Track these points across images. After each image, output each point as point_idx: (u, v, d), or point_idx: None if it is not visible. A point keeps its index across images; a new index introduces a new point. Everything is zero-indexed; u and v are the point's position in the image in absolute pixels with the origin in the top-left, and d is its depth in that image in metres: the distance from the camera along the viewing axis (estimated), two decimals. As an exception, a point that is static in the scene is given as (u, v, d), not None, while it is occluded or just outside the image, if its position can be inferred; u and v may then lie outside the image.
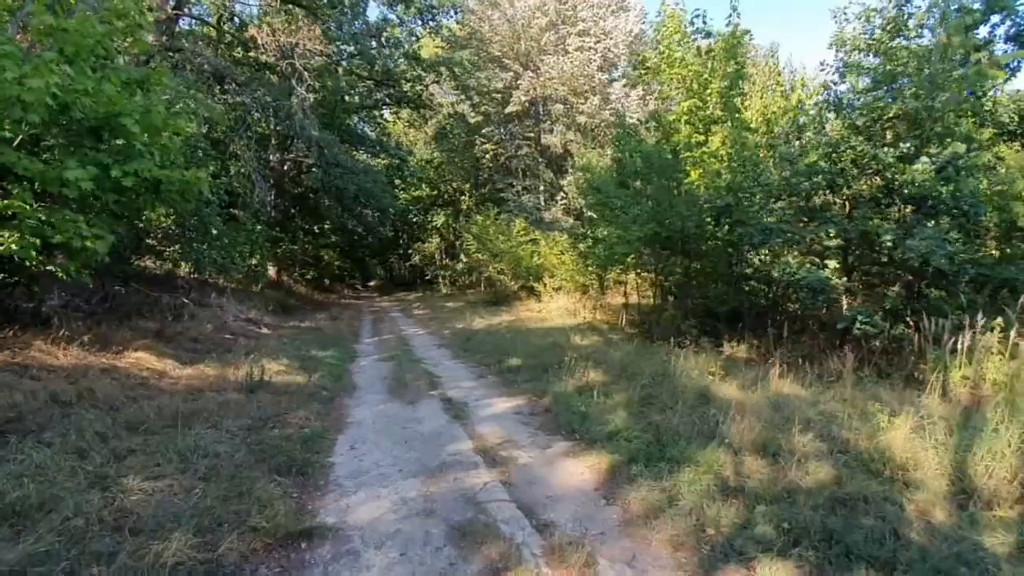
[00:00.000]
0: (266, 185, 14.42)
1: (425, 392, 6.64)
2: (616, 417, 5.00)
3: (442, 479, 3.81)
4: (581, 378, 6.64)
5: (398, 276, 40.75)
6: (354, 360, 9.09)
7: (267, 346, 9.23)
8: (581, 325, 13.12)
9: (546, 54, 22.61)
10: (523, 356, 8.55)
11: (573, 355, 8.41)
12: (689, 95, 8.40)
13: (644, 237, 8.15)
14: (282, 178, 19.89)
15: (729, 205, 7.18)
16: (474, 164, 27.61)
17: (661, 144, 8.29)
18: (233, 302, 13.24)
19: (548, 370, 7.51)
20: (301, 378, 6.92)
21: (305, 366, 7.78)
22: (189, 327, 9.32)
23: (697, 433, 4.40)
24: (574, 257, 14.72)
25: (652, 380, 6.28)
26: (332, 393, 6.42)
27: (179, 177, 6.25)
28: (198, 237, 9.24)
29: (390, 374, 7.81)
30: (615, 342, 9.90)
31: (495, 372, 7.86)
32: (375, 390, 6.82)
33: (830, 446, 4.09)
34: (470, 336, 11.62)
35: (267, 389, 6.13)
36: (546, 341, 9.89)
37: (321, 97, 17.36)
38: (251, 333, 11.01)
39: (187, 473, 3.55)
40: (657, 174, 8.31)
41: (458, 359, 9.25)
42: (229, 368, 7.14)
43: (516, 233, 18.99)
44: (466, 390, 6.77)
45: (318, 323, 14.65)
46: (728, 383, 5.93)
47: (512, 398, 6.29)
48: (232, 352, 8.52)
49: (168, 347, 7.94)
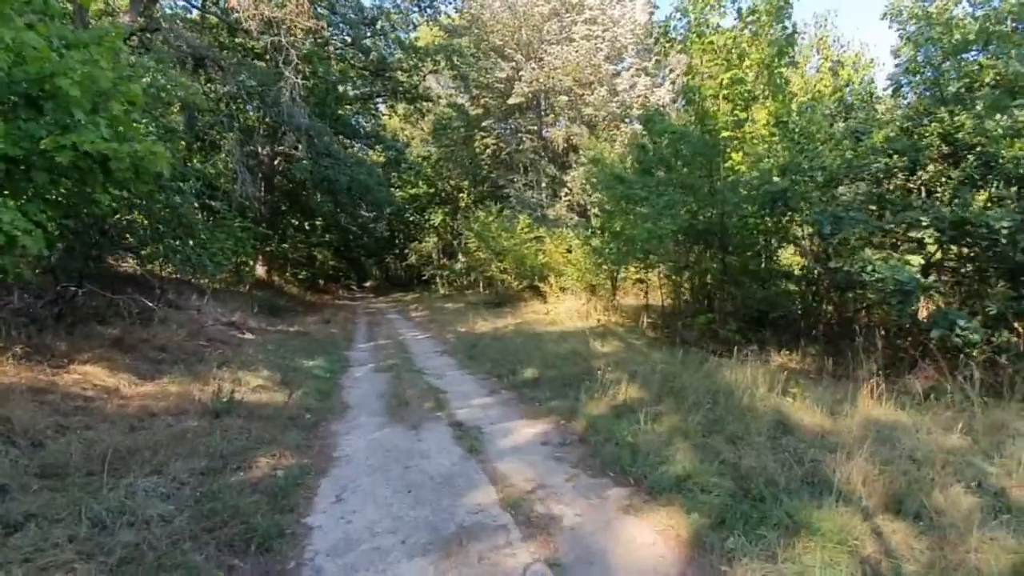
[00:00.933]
0: (252, 178, 13.29)
1: (430, 413, 5.54)
2: (676, 452, 3.93)
3: (463, 559, 2.71)
4: (615, 395, 5.57)
5: (394, 276, 39.59)
6: (346, 371, 7.98)
7: (247, 355, 8.11)
8: (595, 328, 12.04)
9: (550, 43, 21.56)
10: (539, 366, 7.47)
11: (598, 363, 7.37)
12: (727, 67, 7.35)
13: (678, 230, 7.08)
14: (271, 172, 18.75)
15: (784, 191, 6.14)
16: (473, 160, 26.50)
17: (696, 125, 7.25)
18: (214, 304, 12.11)
19: (572, 384, 6.44)
20: (281, 396, 5.80)
21: (288, 380, 6.68)
22: (157, 333, 8.17)
23: (799, 481, 3.32)
24: (584, 254, 13.63)
25: (705, 399, 5.22)
26: (317, 416, 5.31)
27: (128, 152, 5.13)
28: (169, 231, 8.11)
29: (387, 389, 6.71)
30: (639, 348, 8.83)
31: (509, 386, 6.76)
32: (370, 410, 5.72)
33: (987, 500, 3.02)
34: (475, 342, 10.52)
35: (238, 411, 5.01)
36: (562, 348, 8.81)
37: (312, 85, 16.22)
38: (231, 339, 9.86)
39: (94, 560, 2.44)
40: (691, 159, 7.24)
41: (464, 369, 8.16)
42: (197, 383, 6.03)
43: (520, 230, 17.89)
44: (478, 410, 5.68)
45: (308, 327, 13.51)
46: (803, 403, 4.85)
47: (535, 421, 5.20)
48: (205, 362, 7.40)
49: (128, 358, 6.80)
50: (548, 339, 10.10)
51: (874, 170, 5.87)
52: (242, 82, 12.87)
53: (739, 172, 7.09)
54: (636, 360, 7.49)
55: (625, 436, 4.32)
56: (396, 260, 38.52)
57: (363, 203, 16.24)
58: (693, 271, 8.45)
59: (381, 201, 16.56)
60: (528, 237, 17.71)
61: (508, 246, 17.44)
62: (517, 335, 11.07)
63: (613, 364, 7.29)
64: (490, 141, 25.03)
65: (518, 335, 11.05)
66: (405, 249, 34.49)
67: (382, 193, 16.52)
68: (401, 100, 22.21)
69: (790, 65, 7.08)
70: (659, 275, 10.36)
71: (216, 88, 13.38)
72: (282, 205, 19.05)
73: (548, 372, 7.02)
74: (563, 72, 20.60)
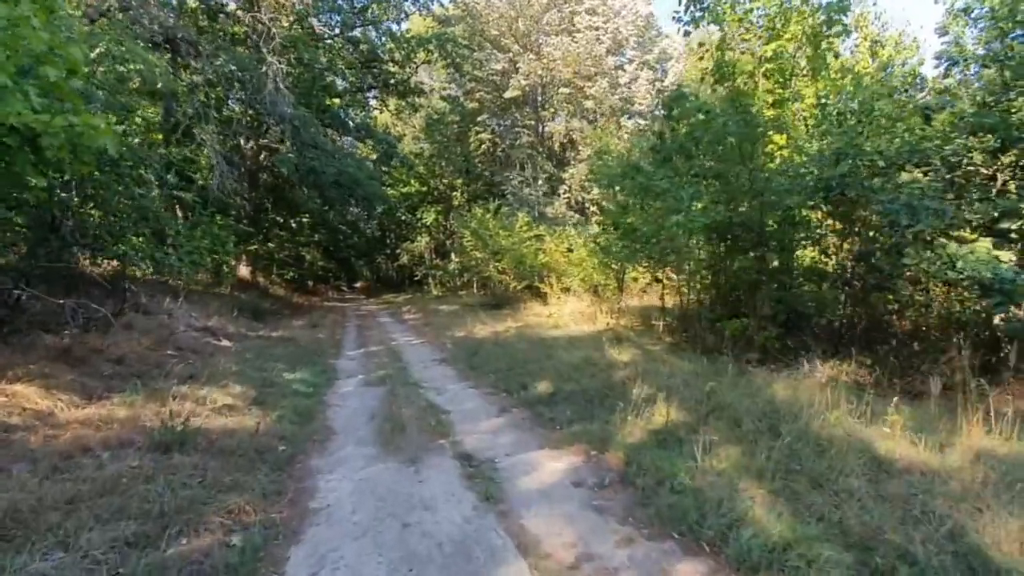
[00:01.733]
0: (232, 171, 12.28)
1: (430, 440, 4.62)
2: (753, 503, 3.05)
3: None
4: (651, 416, 4.70)
5: (385, 277, 38.49)
6: (332, 385, 7.03)
7: (219, 366, 7.13)
8: (604, 332, 11.17)
9: (549, 34, 20.71)
10: (553, 377, 6.58)
11: (619, 374, 6.50)
12: (769, 38, 6.50)
13: (712, 223, 6.22)
14: (256, 167, 17.69)
15: (843, 177, 5.29)
16: (467, 157, 25.56)
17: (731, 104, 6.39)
18: (189, 308, 11.10)
19: (594, 400, 5.56)
20: (252, 419, 4.85)
21: (263, 398, 5.72)
22: (116, 342, 7.18)
23: (937, 549, 2.45)
24: (590, 253, 12.77)
25: (761, 423, 4.36)
26: (294, 447, 4.37)
27: (63, 125, 4.18)
28: (130, 227, 7.12)
29: (380, 407, 5.78)
30: (659, 356, 7.96)
31: (520, 403, 5.86)
32: (359, 437, 4.79)
33: None
34: (476, 348, 9.60)
35: (195, 443, 4.07)
36: (574, 355, 7.93)
37: (297, 73, 15.21)
38: (205, 348, 8.85)
39: None
40: (724, 144, 6.38)
41: (466, 381, 7.24)
42: (152, 404, 5.07)
43: (519, 228, 16.99)
44: (488, 435, 4.77)
45: (294, 331, 12.51)
46: (885, 429, 3.99)
47: (559, 451, 4.29)
48: (169, 376, 6.43)
49: (74, 373, 5.82)
50: (556, 345, 9.21)
51: (947, 152, 5.06)
52: (220, 67, 11.85)
53: (781, 158, 6.26)
54: (660, 371, 6.63)
55: (679, 476, 3.43)
56: (387, 260, 37.45)
57: (353, 198, 15.22)
58: (721, 269, 7.60)
59: (372, 195, 15.56)
60: (527, 236, 16.82)
61: (507, 245, 16.54)
62: (520, 340, 10.17)
63: (636, 375, 6.44)
64: (485, 136, 24.15)
65: (521, 340, 10.16)
66: (396, 249, 33.45)
67: (373, 187, 15.52)
68: (392, 94, 21.22)
69: (843, 35, 6.25)
70: (677, 274, 9.50)
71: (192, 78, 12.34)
72: (266, 202, 17.97)
73: (564, 385, 6.13)
74: (563, 64, 19.74)
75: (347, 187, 14.62)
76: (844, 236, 6.24)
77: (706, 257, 8.22)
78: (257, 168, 17.75)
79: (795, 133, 6.39)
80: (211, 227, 12.05)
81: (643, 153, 9.44)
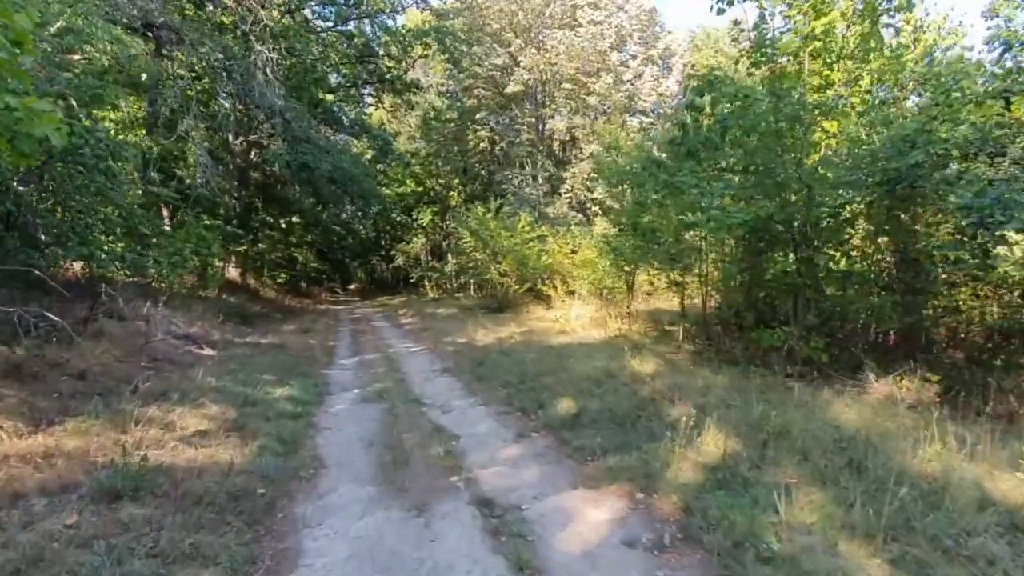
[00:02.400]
0: (216, 165, 11.49)
1: (440, 476, 3.89)
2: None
3: None
4: (699, 446, 3.98)
5: (380, 279, 37.66)
6: (324, 402, 6.27)
7: (197, 380, 6.36)
8: (616, 339, 10.48)
9: (551, 28, 20.02)
10: (573, 393, 5.86)
11: (646, 389, 5.78)
12: (817, 14, 5.79)
13: (751, 221, 5.53)
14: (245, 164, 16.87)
15: (915, 167, 4.61)
16: (464, 156, 24.82)
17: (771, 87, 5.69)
18: (170, 313, 10.30)
19: (627, 423, 4.86)
20: (227, 451, 4.09)
21: (244, 420, 4.96)
22: (81, 353, 6.40)
23: None
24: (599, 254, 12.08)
25: (838, 457, 3.66)
26: (276, 488, 3.61)
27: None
28: (96, 223, 6.34)
29: (378, 432, 5.04)
30: (685, 367, 7.27)
31: (540, 425, 5.13)
32: (354, 473, 4.04)
33: None
34: (480, 357, 8.87)
35: (153, 486, 3.32)
36: (591, 366, 7.22)
37: (288, 64, 14.42)
38: (184, 357, 8.08)
39: None
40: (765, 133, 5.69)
41: (474, 397, 6.50)
42: (112, 431, 4.32)
43: (521, 228, 16.26)
44: (508, 469, 4.04)
45: (284, 337, 11.74)
46: (1019, 474, 3.30)
47: (596, 492, 3.57)
48: (137, 393, 5.67)
49: (25, 392, 5.05)
50: (567, 354, 8.50)
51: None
52: (206, 54, 11.07)
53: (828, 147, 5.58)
54: (691, 385, 5.93)
55: (764, 537, 2.72)
56: (382, 262, 36.65)
57: (347, 195, 14.43)
58: (751, 272, 6.90)
59: (367, 193, 14.78)
60: (530, 236, 16.10)
61: (508, 246, 15.81)
62: (528, 348, 9.46)
63: (667, 390, 5.73)
64: (484, 134, 23.43)
65: (529, 348, 9.44)
66: (392, 251, 32.66)
67: (368, 184, 14.73)
68: (388, 91, 20.43)
69: (904, 8, 5.58)
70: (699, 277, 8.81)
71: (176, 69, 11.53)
72: (256, 200, 17.15)
73: (587, 403, 5.41)
74: (567, 58, 19.06)
75: (341, 183, 13.85)
76: (890, 235, 5.56)
77: (733, 259, 7.52)
78: (247, 165, 16.94)
79: (844, 120, 5.71)
80: (196, 227, 11.28)
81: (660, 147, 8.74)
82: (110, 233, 6.72)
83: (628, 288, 12.60)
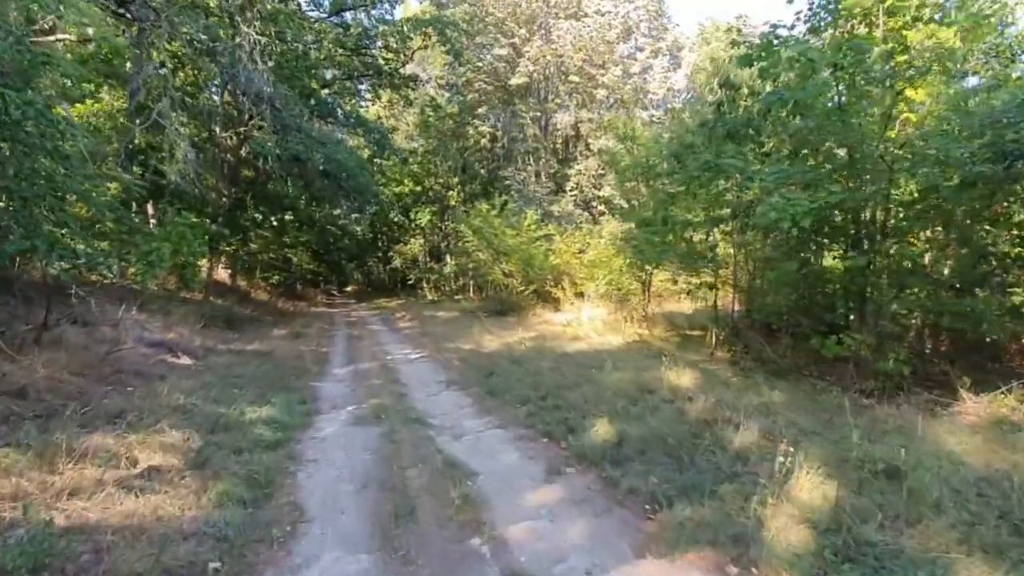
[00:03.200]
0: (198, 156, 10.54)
1: (456, 537, 2.96)
2: None
3: None
4: (790, 492, 3.06)
5: (377, 281, 36.69)
6: (310, 424, 5.31)
7: (162, 397, 5.41)
8: (635, 344, 9.59)
9: (557, 18, 19.15)
10: (607, 413, 4.94)
11: (691, 408, 4.85)
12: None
13: (817, 209, 4.62)
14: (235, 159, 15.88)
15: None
16: (464, 153, 23.88)
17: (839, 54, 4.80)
18: (145, 317, 9.36)
19: (683, 455, 3.93)
20: (178, 500, 3.15)
21: (209, 451, 4.01)
22: (31, 365, 5.44)
23: None
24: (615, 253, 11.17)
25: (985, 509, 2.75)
26: (234, 561, 2.66)
27: None
28: (42, 212, 5.38)
29: (374, 466, 4.10)
30: (728, 380, 6.35)
31: (575, 456, 4.18)
32: (342, 531, 3.09)
33: None
34: (489, 366, 7.95)
35: (67, 556, 2.38)
36: (619, 378, 6.33)
37: (280, 51, 13.47)
38: (154, 368, 7.10)
39: None
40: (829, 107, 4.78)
41: (489, 416, 5.55)
42: (39, 470, 3.38)
43: (527, 227, 15.35)
44: (545, 524, 3.11)
45: (273, 343, 10.77)
46: None
47: (672, 566, 2.64)
48: (88, 415, 4.74)
49: (-61, 417, 4.10)
50: (587, 363, 7.60)
51: None
52: (186, 35, 10.12)
53: (908, 120, 4.70)
54: (747, 403, 5.00)
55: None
56: (379, 263, 35.68)
57: (342, 190, 13.48)
58: (808, 271, 5.98)
59: (363, 187, 13.80)
60: (536, 235, 15.20)
61: (514, 245, 14.89)
62: (542, 356, 8.54)
63: (717, 409, 4.82)
64: (485, 130, 22.53)
65: (543, 356, 8.52)
66: (389, 252, 31.70)
67: (364, 178, 13.76)
68: (385, 85, 19.47)
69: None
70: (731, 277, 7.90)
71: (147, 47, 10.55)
72: (246, 198, 16.18)
73: (629, 428, 4.48)
74: (573, 49, 18.18)
75: (336, 177, 12.88)
76: (996, 224, 4.68)
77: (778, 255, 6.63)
78: (236, 161, 15.96)
79: (930, 89, 4.84)
80: (176, 224, 10.32)
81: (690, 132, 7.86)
82: (62, 225, 5.76)
83: (645, 289, 11.71)
